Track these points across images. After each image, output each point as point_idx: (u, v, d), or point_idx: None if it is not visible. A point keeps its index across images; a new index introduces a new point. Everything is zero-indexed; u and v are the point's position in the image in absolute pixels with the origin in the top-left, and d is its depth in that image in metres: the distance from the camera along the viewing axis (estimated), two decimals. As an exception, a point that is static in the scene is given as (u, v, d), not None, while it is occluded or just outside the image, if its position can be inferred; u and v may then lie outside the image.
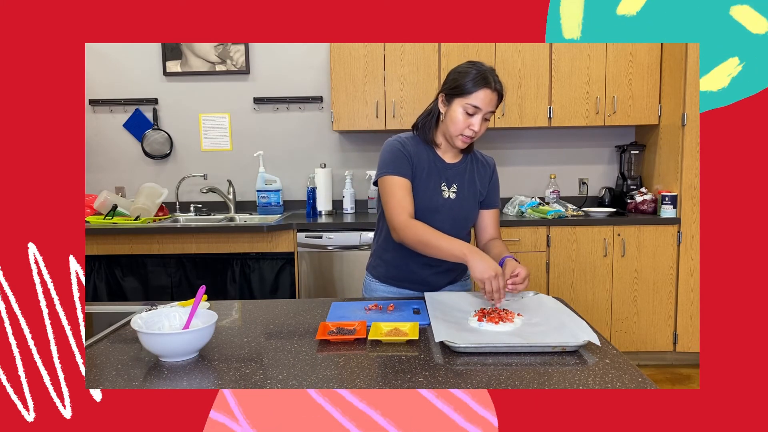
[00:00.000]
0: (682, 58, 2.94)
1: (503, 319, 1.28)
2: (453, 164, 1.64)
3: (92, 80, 3.54)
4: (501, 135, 3.55)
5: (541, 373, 1.04)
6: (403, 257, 1.65)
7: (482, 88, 1.48)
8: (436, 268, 1.64)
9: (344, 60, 3.19)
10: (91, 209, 3.26)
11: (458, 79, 1.51)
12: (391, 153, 1.58)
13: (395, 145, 1.59)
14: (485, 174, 1.69)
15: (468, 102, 1.49)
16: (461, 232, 1.65)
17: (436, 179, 1.61)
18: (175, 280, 3.10)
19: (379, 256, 1.72)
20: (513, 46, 3.15)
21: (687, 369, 3.07)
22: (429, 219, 1.58)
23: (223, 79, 3.55)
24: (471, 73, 1.49)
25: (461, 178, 1.64)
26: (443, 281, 1.68)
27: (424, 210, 1.59)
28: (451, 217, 1.62)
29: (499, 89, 1.50)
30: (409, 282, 1.68)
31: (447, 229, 1.60)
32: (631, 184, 3.39)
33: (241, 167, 3.61)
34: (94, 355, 1.17)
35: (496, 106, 1.52)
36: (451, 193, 1.62)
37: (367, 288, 1.75)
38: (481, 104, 1.48)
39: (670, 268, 3.01)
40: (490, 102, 1.49)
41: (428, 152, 1.62)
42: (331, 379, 1.03)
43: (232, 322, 1.41)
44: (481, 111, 1.50)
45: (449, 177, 1.63)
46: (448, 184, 1.62)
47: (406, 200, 1.54)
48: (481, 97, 1.48)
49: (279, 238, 3.01)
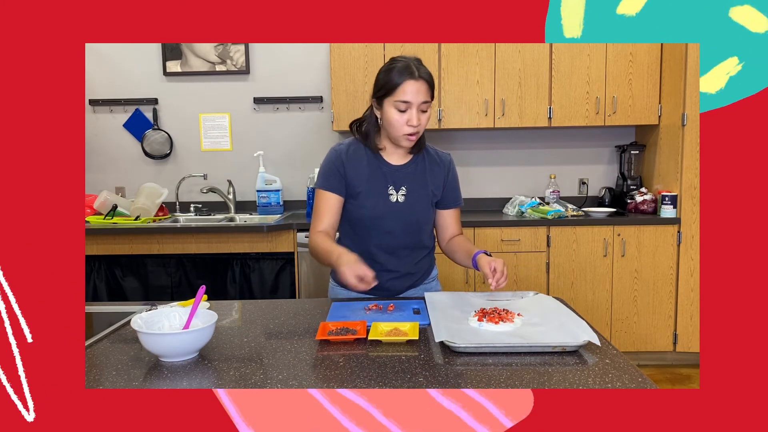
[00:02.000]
0: (682, 58, 2.94)
1: (503, 319, 1.28)
2: (400, 166, 1.59)
3: (92, 80, 3.54)
4: (501, 135, 3.55)
5: (541, 373, 1.04)
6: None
7: (406, 80, 1.43)
8: (393, 273, 1.63)
9: (344, 60, 3.19)
10: (91, 209, 3.26)
11: (383, 79, 1.48)
12: (326, 165, 1.58)
13: (331, 156, 1.58)
14: (439, 173, 1.63)
15: (396, 99, 1.45)
16: (415, 234, 1.62)
17: (381, 184, 1.57)
18: (175, 280, 3.10)
19: None
20: (513, 46, 3.15)
21: (687, 369, 3.07)
22: (378, 225, 1.57)
23: (223, 79, 3.55)
24: (394, 68, 1.46)
25: (410, 179, 1.59)
26: (403, 286, 1.66)
27: (372, 217, 1.57)
28: (402, 221, 1.58)
29: (424, 76, 1.45)
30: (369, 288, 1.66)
31: (399, 233, 1.59)
32: (631, 184, 3.39)
33: (241, 167, 3.61)
34: (94, 355, 1.17)
35: (429, 96, 1.47)
36: (399, 197, 1.57)
37: (332, 292, 1.73)
38: (409, 97, 1.44)
39: (670, 268, 3.01)
40: (418, 92, 1.44)
41: (371, 158, 1.58)
42: (331, 379, 1.03)
43: (232, 322, 1.41)
44: (412, 104, 1.45)
45: (397, 180, 1.58)
46: (396, 187, 1.58)
47: (323, 215, 1.58)
48: (408, 89, 1.44)
49: (279, 238, 3.01)
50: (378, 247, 1.61)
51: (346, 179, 1.57)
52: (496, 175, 3.60)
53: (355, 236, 1.64)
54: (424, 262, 1.68)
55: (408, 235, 1.60)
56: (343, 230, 1.68)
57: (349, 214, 1.61)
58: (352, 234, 1.65)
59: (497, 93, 3.18)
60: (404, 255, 1.63)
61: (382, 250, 1.61)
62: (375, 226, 1.57)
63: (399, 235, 1.59)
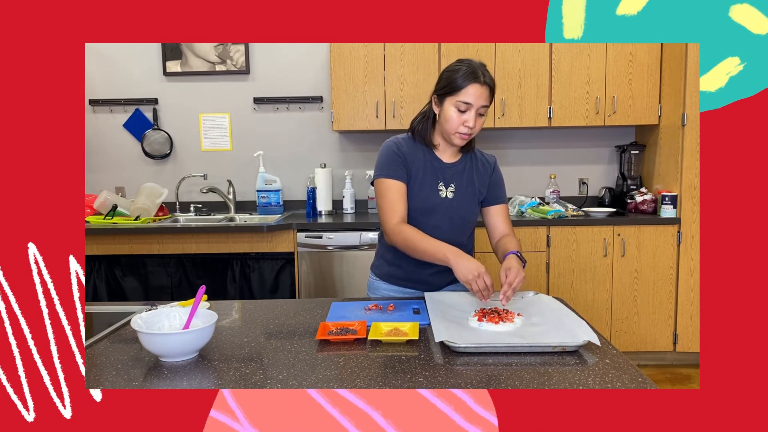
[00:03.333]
0: (682, 58, 2.93)
1: (503, 319, 1.28)
2: (451, 164, 1.64)
3: (92, 80, 3.54)
4: (501, 135, 3.55)
5: (541, 373, 1.04)
6: (402, 257, 1.65)
7: (471, 84, 1.48)
8: (434, 267, 1.64)
9: (344, 60, 3.19)
10: (91, 209, 3.26)
11: (448, 78, 1.52)
12: (387, 156, 1.59)
13: (391, 147, 1.60)
14: (485, 173, 1.69)
15: (459, 99, 1.50)
16: (460, 232, 1.66)
17: (433, 179, 1.61)
18: (175, 280, 3.10)
19: (381, 256, 1.74)
20: (513, 46, 3.15)
21: (687, 369, 3.07)
22: (426, 218, 1.59)
23: (223, 79, 3.55)
24: (460, 70, 1.50)
25: (459, 177, 1.64)
26: (444, 281, 1.68)
27: (422, 209, 1.59)
28: (449, 216, 1.62)
29: (489, 83, 1.51)
30: (410, 281, 1.68)
31: (445, 228, 1.60)
32: (631, 184, 3.39)
33: (241, 167, 3.60)
34: (94, 355, 1.17)
35: (488, 101, 1.52)
36: (448, 193, 1.62)
37: (371, 287, 1.76)
38: (471, 99, 1.49)
39: (670, 268, 3.01)
40: (480, 96, 1.49)
41: (425, 152, 1.62)
42: (331, 379, 1.03)
43: (232, 322, 1.41)
44: (472, 106, 1.50)
45: (447, 176, 1.63)
46: (445, 183, 1.62)
47: (398, 204, 1.56)
48: (471, 92, 1.49)
49: (279, 238, 3.01)
50: None
51: (407, 168, 1.59)
52: (496, 175, 3.60)
53: None
54: None
55: (453, 231, 1.62)
56: None
57: None
58: None
59: (497, 93, 3.17)
60: None
61: None
62: (423, 219, 1.59)
63: (445, 230, 1.61)
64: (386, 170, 1.58)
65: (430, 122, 1.62)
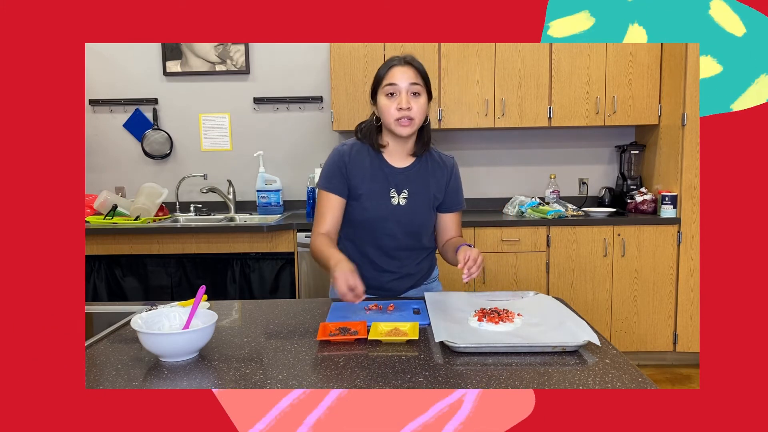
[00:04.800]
0: (682, 58, 2.94)
1: (503, 319, 1.28)
2: (403, 168, 1.59)
3: (92, 80, 3.54)
4: (501, 135, 3.55)
5: (541, 373, 1.04)
6: (360, 263, 1.61)
7: (391, 67, 1.49)
8: (393, 274, 1.63)
9: (344, 60, 3.19)
10: (91, 209, 3.26)
11: (375, 76, 1.53)
12: (329, 166, 1.58)
13: (333, 156, 1.58)
14: (441, 176, 1.62)
15: (384, 84, 1.49)
16: (415, 239, 1.62)
17: (383, 186, 1.57)
18: (175, 280, 3.10)
19: None
20: (513, 46, 3.15)
21: (687, 369, 3.07)
22: (379, 227, 1.57)
23: (223, 79, 3.55)
24: (383, 64, 1.53)
25: (412, 182, 1.59)
26: (403, 286, 1.66)
27: (373, 219, 1.57)
28: (402, 223, 1.58)
29: (409, 61, 1.50)
30: (370, 288, 1.62)
31: (399, 236, 1.59)
32: (631, 184, 3.39)
33: (241, 167, 3.61)
34: (94, 355, 1.17)
35: (417, 79, 1.49)
36: (401, 200, 1.57)
37: (332, 292, 1.71)
38: (395, 80, 1.48)
39: (670, 268, 3.01)
40: (403, 75, 1.48)
41: (373, 158, 1.58)
42: (331, 379, 1.03)
43: (232, 322, 1.41)
44: (399, 87, 1.48)
45: (399, 182, 1.58)
46: (397, 189, 1.57)
47: (325, 217, 1.57)
48: (394, 74, 1.48)
49: (279, 238, 3.01)
50: (379, 248, 1.61)
51: (348, 180, 1.56)
52: (496, 175, 3.61)
53: (355, 237, 1.63)
54: (424, 263, 1.69)
55: (408, 238, 1.60)
56: (344, 231, 1.67)
57: (350, 215, 1.60)
58: (352, 235, 1.64)
59: (497, 93, 3.18)
60: (404, 257, 1.63)
61: (383, 251, 1.61)
62: (376, 228, 1.58)
63: (400, 237, 1.59)
64: (324, 181, 1.58)
65: (374, 126, 1.58)
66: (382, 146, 1.58)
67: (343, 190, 1.57)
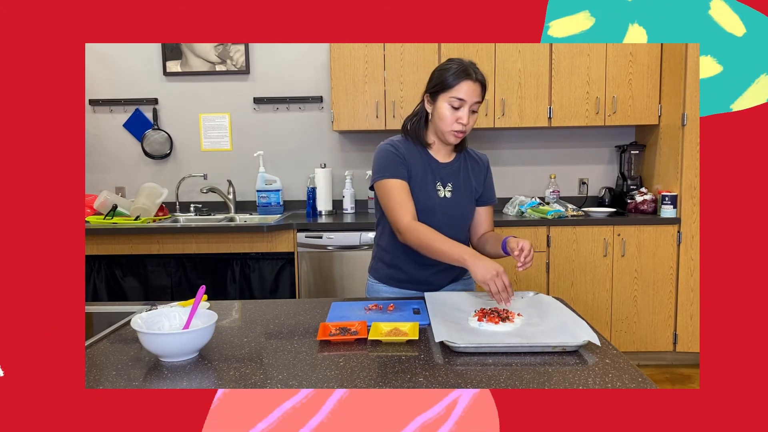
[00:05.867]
0: (682, 58, 2.94)
1: (503, 319, 1.28)
2: (446, 163, 1.65)
3: (92, 80, 3.54)
4: (501, 135, 3.55)
5: (541, 373, 1.04)
6: (401, 259, 1.65)
7: (464, 80, 1.50)
8: (435, 267, 1.64)
9: (344, 60, 3.19)
10: (91, 209, 3.26)
11: (440, 76, 1.53)
12: (386, 157, 1.59)
13: (388, 149, 1.60)
14: (479, 171, 1.72)
15: (452, 95, 1.51)
16: (459, 229, 1.67)
17: (431, 179, 1.62)
18: (175, 280, 3.10)
19: (379, 258, 1.73)
20: (513, 46, 3.15)
21: (687, 369, 3.07)
22: (427, 218, 1.59)
23: (223, 79, 3.55)
24: (452, 68, 1.52)
25: (456, 176, 1.65)
26: (444, 281, 1.69)
27: (422, 210, 1.59)
28: (448, 215, 1.63)
29: (480, 79, 1.53)
30: (410, 282, 1.68)
31: (445, 227, 1.60)
32: (631, 184, 3.39)
33: (241, 167, 3.60)
34: (94, 355, 1.17)
35: (481, 97, 1.54)
36: (447, 192, 1.63)
37: (370, 290, 1.75)
38: (464, 96, 1.51)
39: (670, 268, 3.01)
40: (473, 93, 1.51)
41: (421, 153, 1.63)
42: (331, 379, 1.03)
43: (232, 322, 1.41)
44: (466, 103, 1.51)
45: (444, 176, 1.64)
46: (443, 183, 1.63)
47: (407, 202, 1.55)
48: (464, 88, 1.50)
49: (279, 238, 3.01)
50: None
51: (407, 167, 1.59)
52: (496, 175, 3.56)
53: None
54: None
55: (452, 229, 1.62)
56: (387, 227, 1.67)
57: None
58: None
59: (497, 93, 3.18)
60: None
61: None
62: (423, 219, 1.58)
63: (444, 229, 1.60)
64: (388, 171, 1.57)
65: (423, 121, 1.62)
66: (428, 143, 1.63)
67: (407, 176, 1.58)
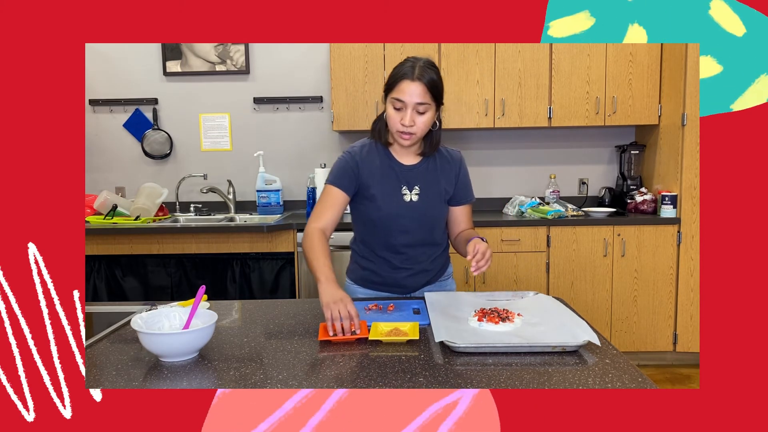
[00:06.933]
0: (682, 58, 2.93)
1: (503, 319, 1.28)
2: (412, 165, 1.60)
3: (92, 80, 3.54)
4: (501, 135, 3.55)
5: (541, 373, 1.04)
6: (375, 261, 1.65)
7: (402, 80, 1.44)
8: (409, 270, 1.63)
9: (344, 60, 3.19)
10: (91, 209, 3.26)
11: (390, 75, 1.49)
12: (338, 164, 1.59)
13: (345, 157, 1.59)
14: (450, 171, 1.64)
15: (392, 96, 1.47)
16: (430, 232, 1.63)
17: (394, 184, 1.58)
18: (175, 280, 3.10)
19: (354, 261, 1.73)
20: (513, 46, 3.15)
21: (687, 369, 3.07)
22: (394, 224, 1.58)
23: (223, 79, 3.55)
24: (400, 67, 1.47)
25: (423, 178, 1.60)
26: (419, 283, 1.67)
27: (387, 216, 1.57)
28: (416, 219, 1.59)
29: (422, 79, 1.42)
30: (384, 285, 1.66)
31: (414, 231, 1.60)
32: (631, 184, 3.39)
33: (241, 167, 3.60)
34: (94, 355, 1.17)
35: (426, 98, 1.44)
36: (413, 196, 1.58)
37: (348, 291, 1.72)
38: (403, 97, 1.43)
39: (670, 268, 3.01)
40: (413, 93, 1.43)
41: (383, 158, 1.59)
42: (331, 379, 1.03)
43: (232, 322, 1.41)
44: (406, 104, 1.44)
45: (410, 179, 1.59)
46: (409, 186, 1.58)
47: (326, 211, 1.55)
48: (402, 89, 1.43)
49: (279, 238, 3.01)
50: (393, 246, 1.62)
51: (359, 180, 1.57)
52: (496, 175, 3.60)
53: (370, 237, 1.65)
54: (439, 259, 1.70)
55: (422, 233, 1.62)
56: (358, 231, 1.69)
57: (365, 215, 1.61)
58: (367, 235, 1.66)
59: (497, 93, 3.18)
60: (420, 252, 1.64)
61: (398, 248, 1.62)
62: (391, 225, 1.58)
63: (414, 233, 1.60)
64: (333, 177, 1.57)
65: (383, 122, 1.58)
66: (389, 143, 1.60)
67: (350, 189, 1.57)
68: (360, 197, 1.60)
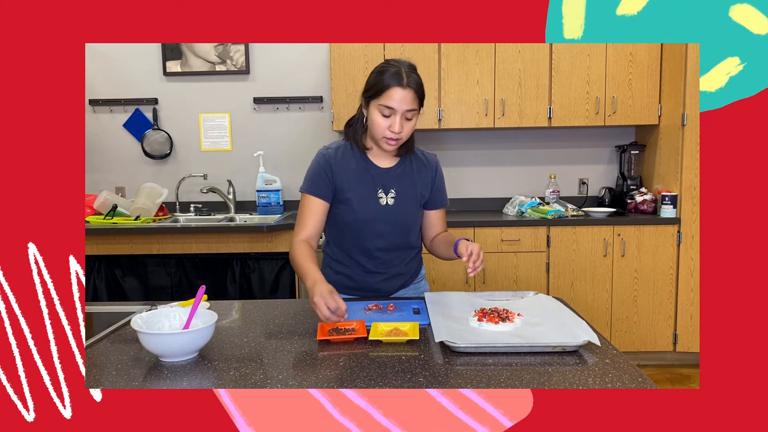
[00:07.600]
0: (682, 58, 2.94)
1: (503, 319, 1.28)
2: (389, 168, 1.58)
3: (92, 80, 3.54)
4: (501, 135, 3.55)
5: (541, 373, 1.04)
6: (349, 266, 1.63)
7: (393, 87, 1.41)
8: (383, 275, 1.62)
9: (344, 60, 3.19)
10: (91, 209, 3.26)
11: (372, 81, 1.46)
12: (313, 169, 1.57)
13: (319, 160, 1.57)
14: (426, 174, 1.62)
15: (381, 103, 1.43)
16: (406, 236, 1.62)
17: (370, 187, 1.56)
18: (175, 280, 3.10)
19: (327, 265, 1.69)
20: (513, 46, 3.15)
21: (687, 369, 3.07)
22: (369, 228, 1.56)
23: (223, 79, 3.55)
24: (385, 72, 1.43)
25: (399, 181, 1.58)
26: (393, 287, 1.66)
27: (362, 220, 1.56)
28: (391, 222, 1.57)
29: (412, 85, 1.42)
30: (359, 290, 1.64)
31: (389, 235, 1.58)
32: (631, 184, 3.39)
33: (241, 167, 3.60)
34: (94, 355, 1.17)
35: (415, 104, 1.44)
36: (389, 199, 1.57)
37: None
38: (394, 104, 1.42)
39: (670, 268, 3.01)
40: (403, 100, 1.41)
41: (359, 160, 1.57)
42: (331, 379, 1.03)
43: (232, 322, 1.41)
44: (396, 111, 1.43)
45: (386, 182, 1.57)
46: (385, 189, 1.57)
47: (309, 222, 1.54)
48: (393, 95, 1.41)
49: (279, 238, 3.01)
50: (367, 250, 1.60)
51: (334, 184, 1.55)
52: (496, 175, 3.60)
53: (344, 240, 1.62)
54: (413, 262, 1.69)
55: (398, 237, 1.60)
56: (331, 235, 1.66)
57: (339, 218, 1.59)
58: (340, 238, 1.63)
59: (497, 93, 3.18)
60: (394, 256, 1.63)
61: (373, 252, 1.60)
62: (366, 229, 1.57)
63: (390, 237, 1.58)
64: (308, 184, 1.56)
65: (360, 125, 1.56)
66: (367, 148, 1.58)
67: (327, 194, 1.55)
68: (335, 201, 1.57)
